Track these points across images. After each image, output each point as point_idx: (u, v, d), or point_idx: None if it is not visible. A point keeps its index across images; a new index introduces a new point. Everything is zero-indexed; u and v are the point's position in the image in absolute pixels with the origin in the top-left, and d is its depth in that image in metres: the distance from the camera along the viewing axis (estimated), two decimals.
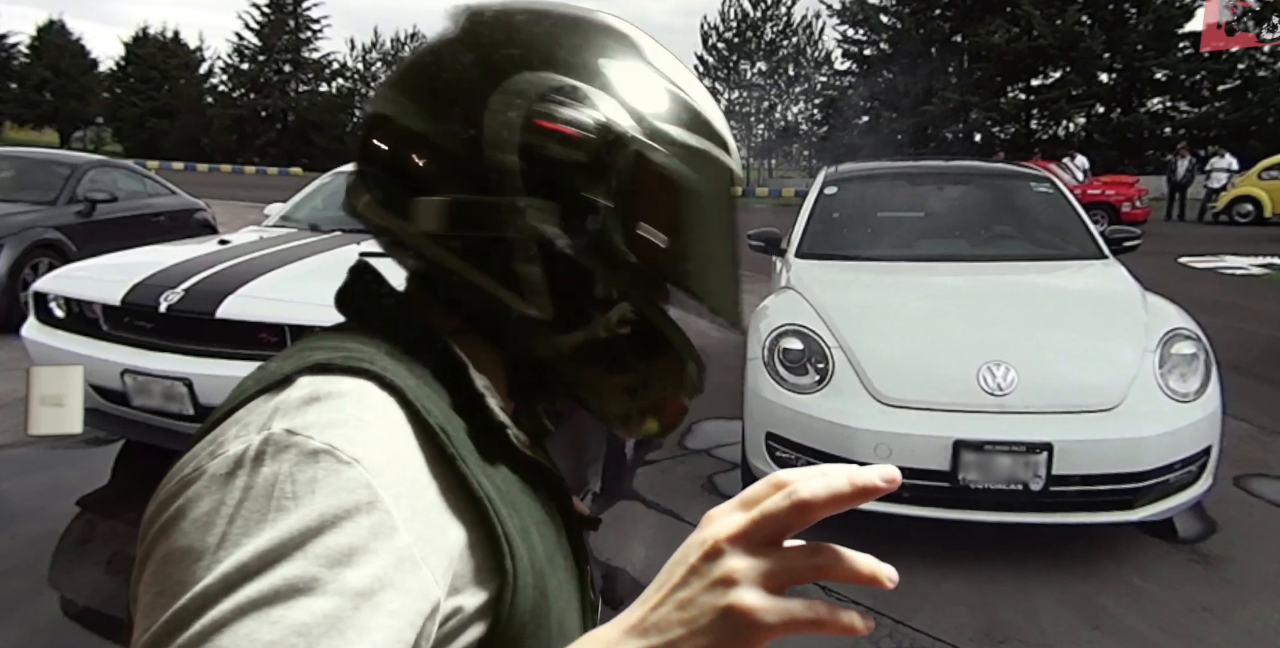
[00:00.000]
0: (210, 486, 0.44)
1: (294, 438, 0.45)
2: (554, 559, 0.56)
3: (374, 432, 0.47)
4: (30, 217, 6.74)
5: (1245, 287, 9.95)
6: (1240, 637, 2.66)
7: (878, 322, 3.50)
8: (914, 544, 3.18)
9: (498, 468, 0.54)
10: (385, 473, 0.45)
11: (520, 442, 0.55)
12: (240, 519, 0.42)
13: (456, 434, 0.51)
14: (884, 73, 29.44)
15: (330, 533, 0.42)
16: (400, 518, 0.45)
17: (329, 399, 0.47)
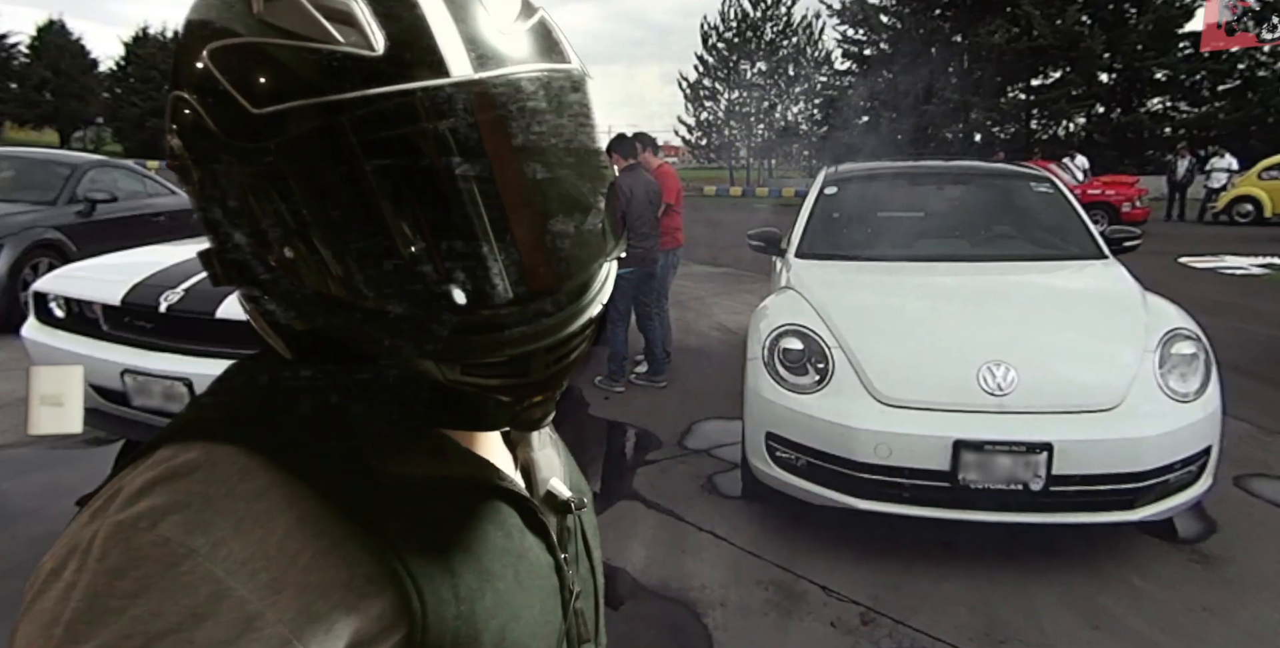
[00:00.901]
0: (47, 583, 0.43)
1: (123, 533, 0.42)
2: (490, 572, 0.53)
3: (221, 510, 0.43)
4: (30, 217, 6.74)
5: (1245, 287, 9.94)
6: (1240, 637, 2.66)
7: (878, 322, 3.50)
8: (914, 544, 3.18)
9: (401, 499, 0.50)
10: (234, 554, 0.42)
11: (411, 469, 0.51)
12: (73, 625, 0.40)
13: (340, 480, 0.48)
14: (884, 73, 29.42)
15: (170, 637, 0.39)
16: (261, 600, 0.42)
17: (173, 480, 0.44)
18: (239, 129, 0.44)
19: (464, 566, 0.51)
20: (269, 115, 0.43)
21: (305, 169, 0.44)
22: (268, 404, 0.50)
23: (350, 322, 0.47)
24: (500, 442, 0.66)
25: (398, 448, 0.52)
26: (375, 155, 0.43)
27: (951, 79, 27.80)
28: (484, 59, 0.46)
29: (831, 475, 3.10)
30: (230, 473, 0.45)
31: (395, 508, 0.49)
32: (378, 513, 0.48)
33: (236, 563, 0.42)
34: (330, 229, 0.45)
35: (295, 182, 0.44)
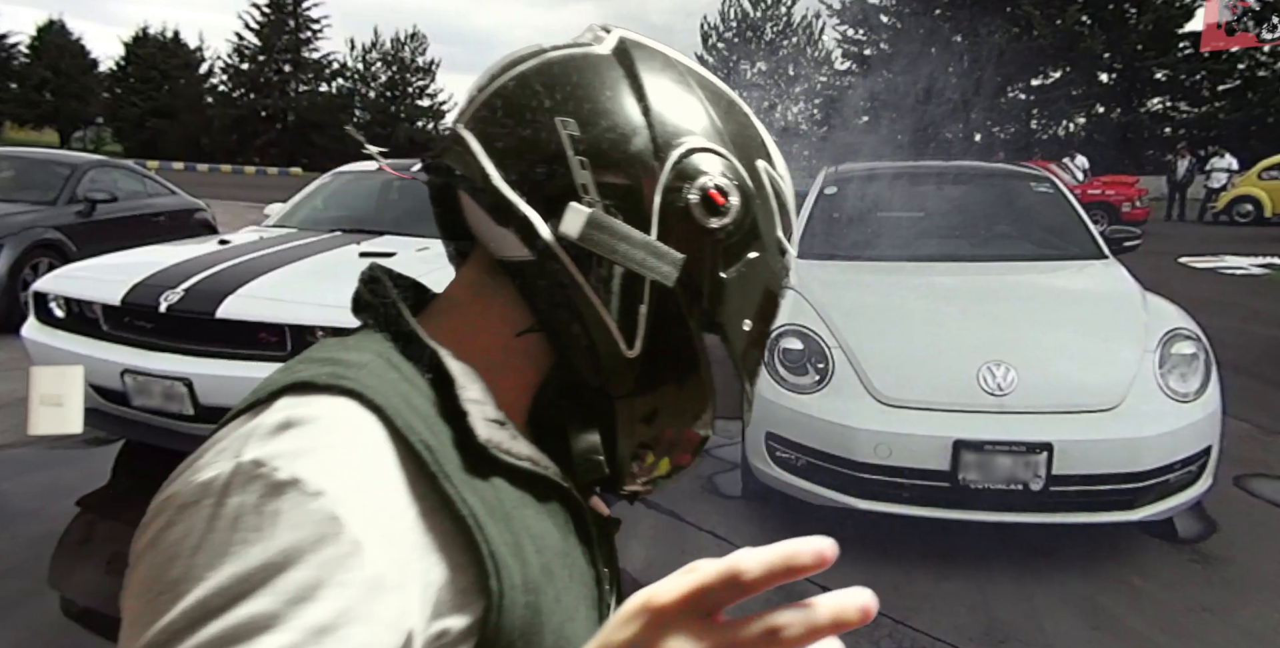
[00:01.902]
0: (180, 514, 0.44)
1: (260, 469, 0.44)
2: (552, 570, 0.55)
3: (345, 458, 0.46)
4: (30, 217, 6.74)
5: (1245, 287, 9.95)
6: (1240, 637, 2.66)
7: (878, 322, 3.50)
8: (914, 544, 3.18)
9: (490, 481, 0.53)
10: (355, 501, 0.45)
11: (513, 456, 0.55)
12: (204, 552, 0.42)
13: (442, 450, 0.51)
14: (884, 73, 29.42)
15: (293, 568, 0.42)
16: (371, 546, 0.44)
17: (300, 425, 0.47)
18: (729, 234, 0.58)
19: (532, 557, 0.53)
20: (785, 247, 0.63)
21: (777, 292, 0.63)
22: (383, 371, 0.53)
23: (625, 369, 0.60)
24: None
25: (499, 426, 0.55)
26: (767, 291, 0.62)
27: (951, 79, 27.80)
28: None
29: (831, 475, 3.10)
30: (350, 425, 0.48)
31: (486, 486, 0.52)
32: (470, 487, 0.51)
33: (357, 509, 0.45)
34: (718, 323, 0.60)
35: (770, 297, 0.63)
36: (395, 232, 4.63)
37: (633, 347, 0.58)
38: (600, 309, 0.57)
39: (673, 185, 0.56)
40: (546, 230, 0.55)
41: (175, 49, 42.32)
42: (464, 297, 0.62)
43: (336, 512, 0.44)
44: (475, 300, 0.61)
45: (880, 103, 29.15)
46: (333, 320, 3.34)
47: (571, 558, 0.59)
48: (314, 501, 0.43)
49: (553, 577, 0.55)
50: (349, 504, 0.44)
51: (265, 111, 41.09)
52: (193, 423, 3.40)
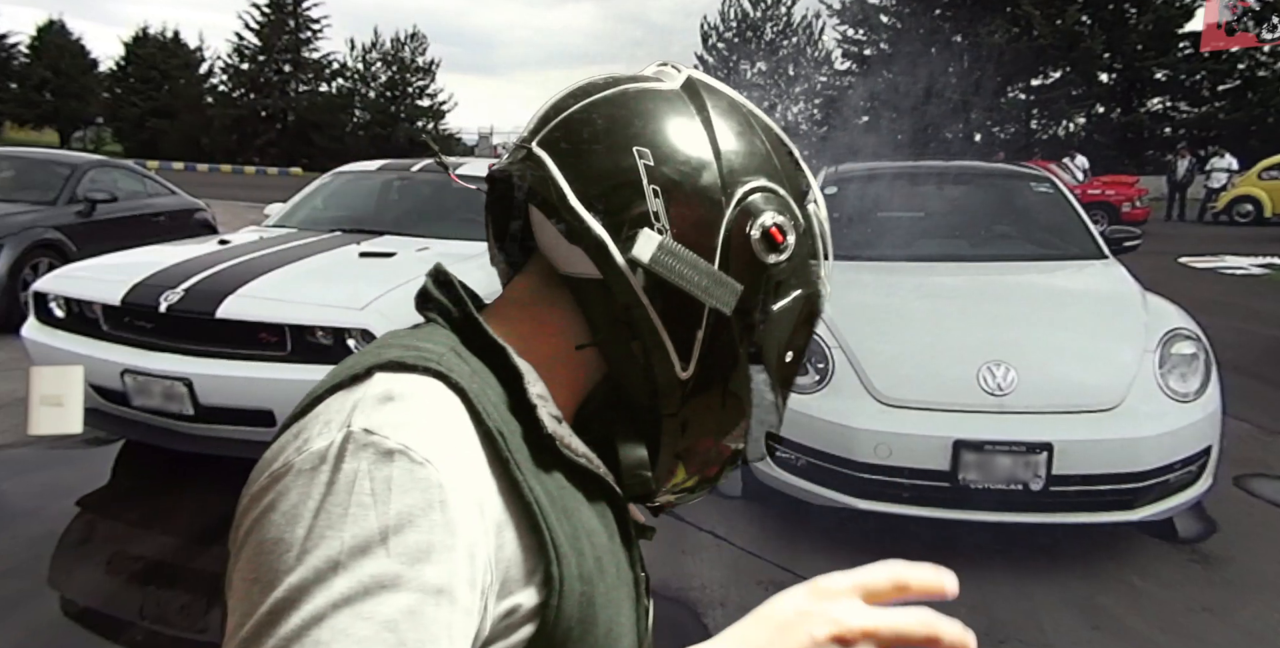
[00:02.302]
0: (297, 480, 0.47)
1: (372, 437, 0.48)
2: (603, 566, 0.57)
3: (443, 433, 0.50)
4: (30, 217, 6.74)
5: (1245, 287, 9.95)
6: (1240, 637, 2.66)
7: (878, 322, 3.49)
8: (914, 544, 3.18)
9: (551, 474, 0.56)
10: (453, 473, 0.48)
11: (573, 452, 0.58)
12: (325, 513, 0.45)
13: (513, 438, 0.54)
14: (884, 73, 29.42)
15: (408, 530, 0.45)
16: (467, 516, 0.48)
17: (402, 399, 0.50)
18: (782, 270, 0.62)
19: (588, 550, 0.56)
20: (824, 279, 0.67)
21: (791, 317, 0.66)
22: (456, 361, 0.56)
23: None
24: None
25: (569, 431, 0.59)
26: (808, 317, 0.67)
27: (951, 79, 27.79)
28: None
29: (831, 475, 3.10)
30: (442, 403, 0.52)
31: (549, 477, 0.55)
32: (535, 476, 0.54)
33: (458, 480, 0.48)
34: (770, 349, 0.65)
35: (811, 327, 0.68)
36: (395, 232, 4.63)
37: (687, 368, 0.61)
38: (661, 331, 0.60)
39: (737, 221, 0.60)
40: (619, 253, 0.58)
41: (175, 49, 42.30)
42: (522, 303, 0.65)
43: (442, 480, 0.47)
44: (533, 308, 0.64)
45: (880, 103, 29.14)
46: (333, 320, 3.34)
47: (617, 558, 0.61)
48: (422, 469, 0.47)
49: (604, 573, 0.57)
50: (451, 474, 0.48)
51: (265, 111, 41.07)
52: (193, 423, 3.40)
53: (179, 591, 2.94)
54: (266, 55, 40.79)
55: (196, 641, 2.66)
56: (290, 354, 3.36)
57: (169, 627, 2.71)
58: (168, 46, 42.19)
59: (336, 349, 3.32)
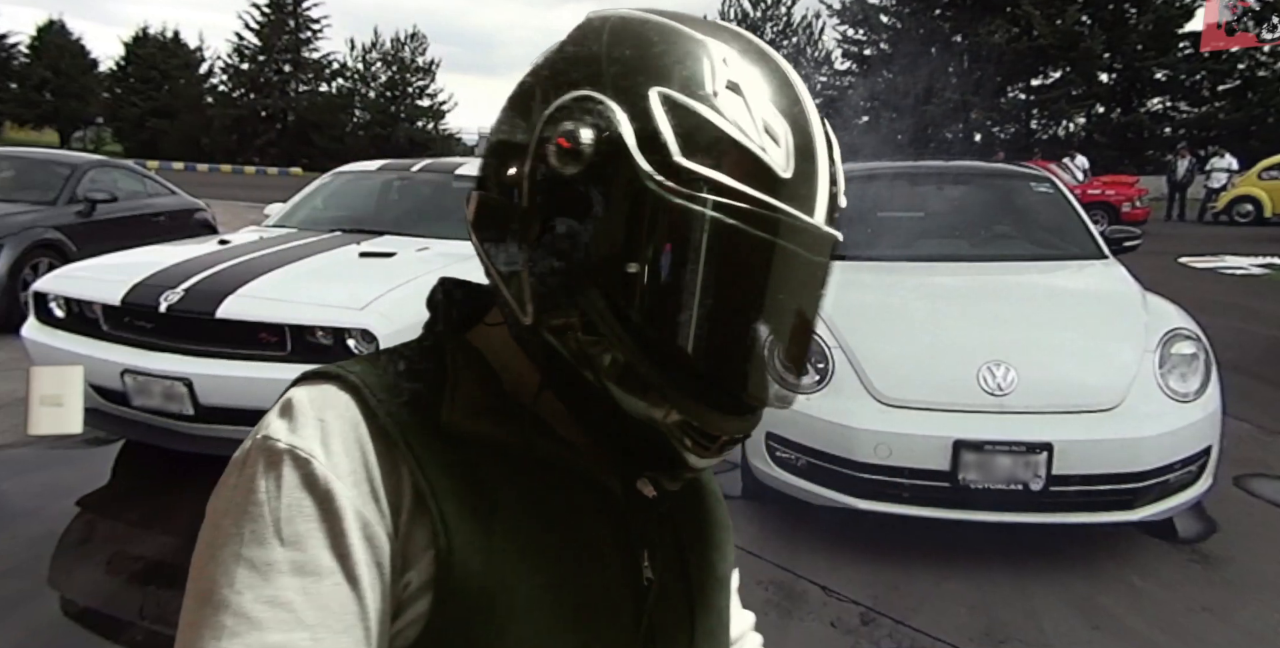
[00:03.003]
0: (219, 489, 0.56)
1: (267, 443, 0.54)
2: (533, 536, 0.57)
3: (328, 431, 0.54)
4: (30, 217, 6.74)
5: (1245, 287, 9.95)
6: (1240, 637, 2.66)
7: (878, 322, 3.49)
8: (914, 544, 3.18)
9: (462, 457, 0.57)
10: (338, 466, 0.53)
11: (488, 436, 0.58)
12: (231, 513, 0.53)
13: (411, 426, 0.56)
14: (884, 73, 29.43)
15: (298, 521, 0.51)
16: (354, 503, 0.52)
17: (298, 405, 0.56)
18: (659, 168, 0.51)
19: (501, 524, 0.56)
20: (687, 168, 0.51)
21: (683, 224, 0.52)
22: (383, 366, 0.60)
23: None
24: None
25: (481, 411, 0.58)
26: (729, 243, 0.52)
27: (951, 79, 27.81)
28: (830, 215, 0.56)
29: (831, 476, 3.10)
30: (335, 405, 0.56)
31: (447, 455, 0.56)
32: (431, 456, 0.56)
33: (339, 470, 0.53)
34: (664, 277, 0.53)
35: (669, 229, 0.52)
36: (395, 232, 4.63)
37: (526, 314, 0.57)
38: (499, 283, 0.59)
39: (539, 148, 0.54)
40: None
41: (175, 49, 42.31)
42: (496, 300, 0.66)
43: (325, 473, 0.52)
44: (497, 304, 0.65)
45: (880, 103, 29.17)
46: (333, 320, 3.34)
47: (575, 532, 0.59)
48: (307, 465, 0.53)
49: (533, 544, 0.57)
50: (335, 467, 0.53)
51: (265, 111, 41.07)
52: (193, 423, 3.40)
53: (179, 591, 2.90)
54: (266, 55, 40.79)
55: None
56: (290, 354, 3.36)
57: (169, 627, 2.70)
58: (168, 46, 42.20)
59: (336, 349, 3.32)
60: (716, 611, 0.70)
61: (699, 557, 0.68)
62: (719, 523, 0.73)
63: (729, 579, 0.74)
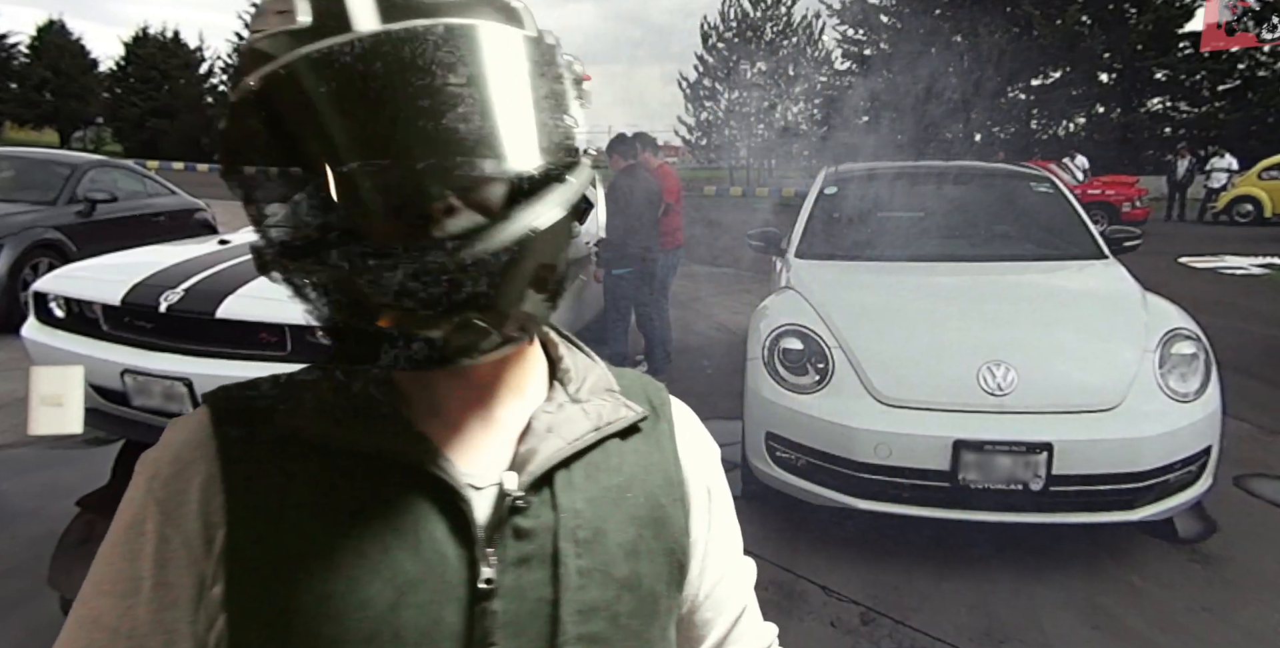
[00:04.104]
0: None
1: (143, 455, 0.63)
2: (331, 534, 0.57)
3: (173, 452, 0.61)
4: (30, 217, 6.74)
5: (1245, 287, 9.95)
6: (1240, 637, 2.66)
7: (878, 322, 3.50)
8: (914, 544, 3.18)
9: (264, 451, 0.60)
10: (164, 484, 0.60)
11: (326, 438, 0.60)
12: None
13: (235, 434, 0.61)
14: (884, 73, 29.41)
15: (133, 530, 0.60)
16: (174, 512, 0.59)
17: (170, 428, 0.63)
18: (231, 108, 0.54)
19: (291, 522, 0.58)
20: (249, 90, 0.53)
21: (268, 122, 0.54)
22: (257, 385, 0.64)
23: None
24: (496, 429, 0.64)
25: (317, 412, 0.61)
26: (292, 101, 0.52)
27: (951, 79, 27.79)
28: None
29: (831, 475, 3.10)
30: (189, 425, 0.62)
31: (254, 457, 0.60)
32: (236, 456, 0.60)
33: (161, 489, 0.60)
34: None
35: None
36: None
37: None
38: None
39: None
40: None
41: (175, 49, 42.28)
42: None
43: (153, 487, 0.60)
44: None
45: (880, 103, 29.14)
46: None
47: (395, 529, 0.58)
48: (140, 478, 0.61)
49: (328, 541, 0.57)
50: (162, 481, 0.60)
51: None
52: None
53: None
54: None
55: None
56: (290, 354, 3.36)
57: None
58: (168, 46, 42.16)
59: None
60: (612, 620, 0.62)
61: (595, 561, 0.62)
62: (661, 529, 0.67)
63: (664, 592, 0.67)
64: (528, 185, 0.55)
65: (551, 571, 0.61)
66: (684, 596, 0.72)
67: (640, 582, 0.65)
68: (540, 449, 0.63)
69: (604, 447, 0.67)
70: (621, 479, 0.67)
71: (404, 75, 0.51)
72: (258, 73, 0.52)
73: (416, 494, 0.59)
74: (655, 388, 0.76)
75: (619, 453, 0.68)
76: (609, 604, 0.62)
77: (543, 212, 0.55)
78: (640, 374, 0.78)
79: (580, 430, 0.66)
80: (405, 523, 0.59)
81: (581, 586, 0.61)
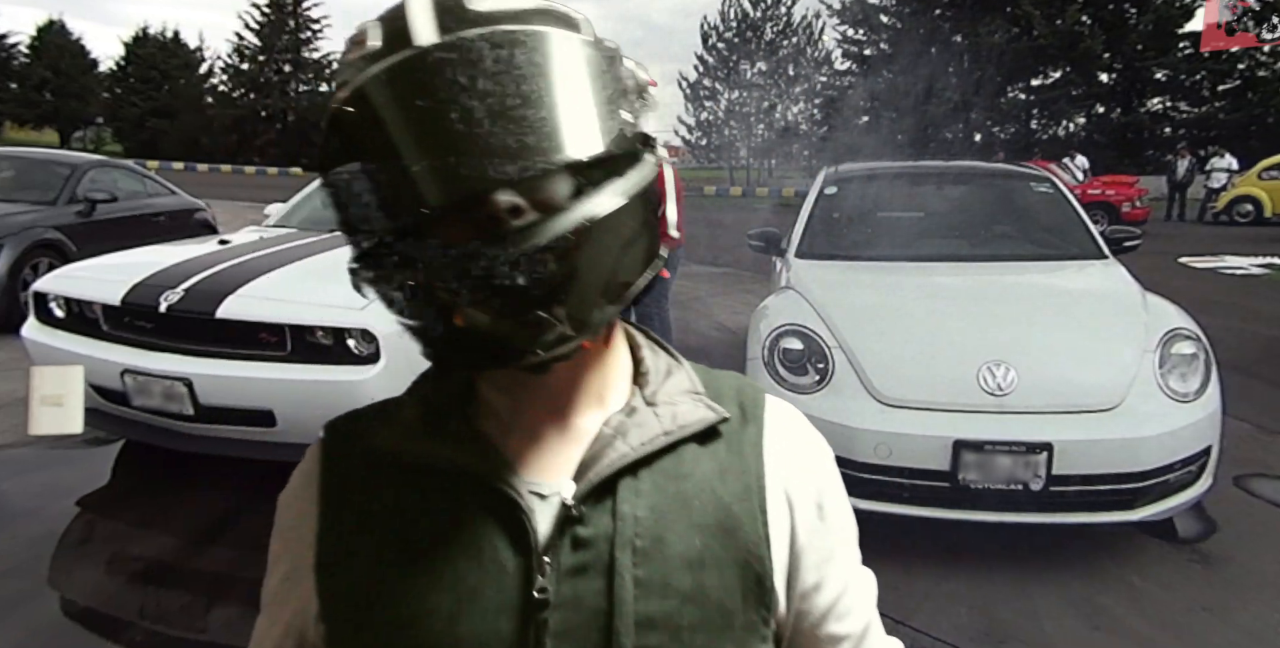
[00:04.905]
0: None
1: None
2: (404, 547, 0.61)
3: (292, 478, 0.70)
4: (30, 217, 6.74)
5: (1245, 287, 9.95)
6: (1240, 637, 2.66)
7: (878, 322, 3.49)
8: (914, 544, 3.18)
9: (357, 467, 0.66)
10: (289, 495, 0.69)
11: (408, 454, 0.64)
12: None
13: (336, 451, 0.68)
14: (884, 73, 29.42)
15: (270, 552, 0.71)
16: (291, 524, 0.68)
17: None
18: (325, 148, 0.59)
19: (370, 535, 0.63)
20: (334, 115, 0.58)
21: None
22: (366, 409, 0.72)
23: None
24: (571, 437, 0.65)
25: (406, 430, 0.65)
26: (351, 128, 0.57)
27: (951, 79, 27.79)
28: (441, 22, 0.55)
29: None
30: (309, 454, 0.70)
31: (348, 477, 0.66)
32: (335, 478, 0.67)
33: (288, 499, 0.70)
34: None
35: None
36: None
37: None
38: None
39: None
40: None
41: (175, 49, 42.28)
42: None
43: (280, 515, 0.70)
44: None
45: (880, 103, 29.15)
46: (333, 320, 3.34)
47: (457, 541, 0.60)
48: (279, 506, 0.70)
49: (398, 555, 0.61)
50: (287, 496, 0.70)
51: (265, 111, 41.04)
52: (193, 423, 3.40)
53: (179, 591, 2.94)
54: (266, 55, 40.77)
55: (196, 641, 2.66)
56: (290, 354, 3.36)
57: (169, 627, 2.71)
58: (168, 46, 42.16)
59: (336, 349, 3.32)
60: (673, 634, 0.60)
61: (654, 571, 0.60)
62: (731, 538, 0.63)
63: (738, 606, 0.63)
64: (586, 180, 0.57)
65: (607, 581, 0.59)
66: (797, 610, 0.68)
67: (706, 594, 0.61)
68: (603, 455, 0.63)
69: (678, 452, 0.65)
70: (689, 485, 0.64)
71: (457, 81, 0.53)
72: (337, 96, 0.57)
73: (482, 505, 0.61)
74: (752, 391, 0.73)
75: (694, 458, 0.65)
76: (669, 617, 0.60)
77: (601, 201, 0.56)
78: (738, 376, 0.75)
79: (649, 435, 0.64)
80: (470, 534, 0.60)
81: (639, 597, 0.59)
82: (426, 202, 0.53)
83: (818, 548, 0.69)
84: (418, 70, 0.54)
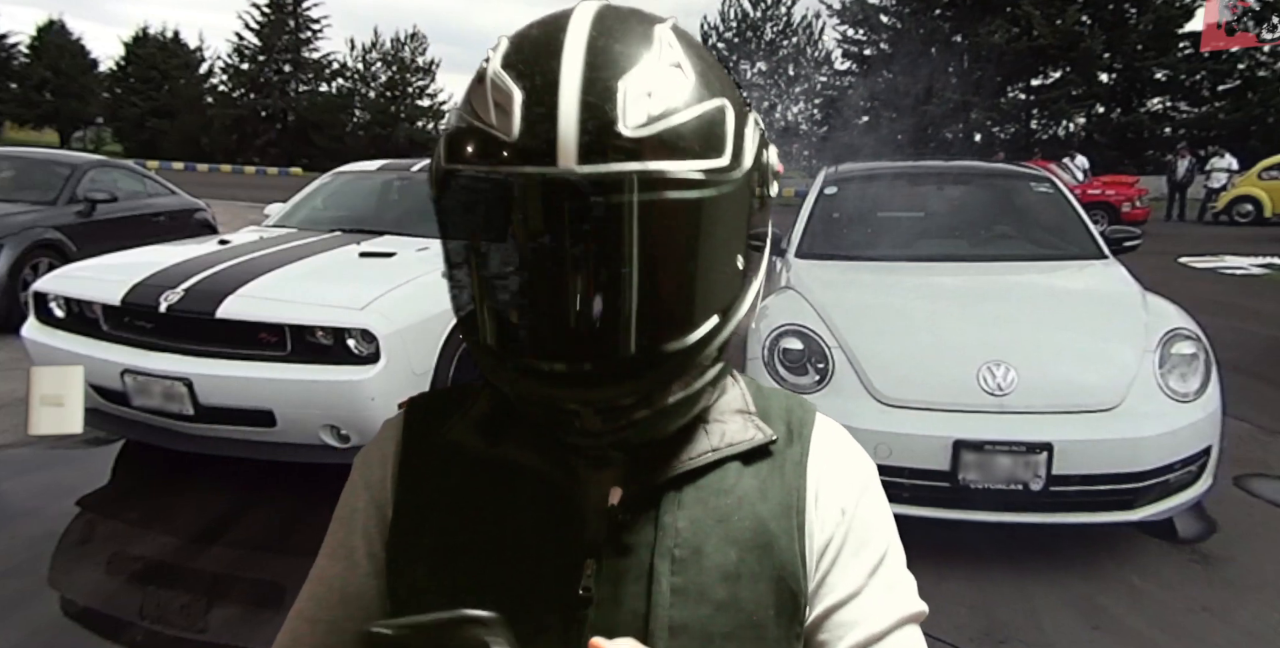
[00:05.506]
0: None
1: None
2: (464, 527, 0.65)
3: (375, 442, 0.74)
4: (30, 217, 6.74)
5: (1245, 287, 9.95)
6: (1240, 637, 2.66)
7: (878, 322, 3.49)
8: (914, 544, 3.17)
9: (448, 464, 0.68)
10: (363, 464, 0.73)
11: (472, 447, 0.67)
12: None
13: (424, 439, 0.70)
14: (884, 73, 29.41)
15: (342, 506, 0.73)
16: (364, 493, 0.71)
17: (383, 423, 0.75)
18: (433, 177, 0.60)
19: (437, 519, 0.67)
20: (444, 169, 0.59)
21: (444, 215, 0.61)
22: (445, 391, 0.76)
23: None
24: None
25: (477, 425, 0.69)
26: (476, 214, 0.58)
27: (951, 79, 27.79)
28: (592, 147, 0.53)
29: None
30: (391, 424, 0.74)
31: (422, 458, 0.70)
32: (413, 459, 0.70)
33: (361, 468, 0.73)
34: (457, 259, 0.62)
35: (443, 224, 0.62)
36: (395, 232, 4.63)
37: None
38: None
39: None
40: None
41: (175, 49, 42.28)
42: None
43: (354, 469, 0.74)
44: None
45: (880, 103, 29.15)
46: (333, 320, 3.34)
47: (510, 529, 0.64)
48: (357, 462, 0.74)
49: (457, 535, 0.65)
50: (362, 465, 0.73)
51: (265, 111, 41.03)
52: (193, 423, 3.40)
53: (179, 591, 2.94)
54: (266, 55, 40.76)
55: (196, 641, 2.66)
56: (290, 354, 3.36)
57: (169, 627, 2.71)
58: (168, 46, 42.16)
59: (336, 349, 3.32)
60: (705, 640, 0.62)
61: (690, 580, 0.63)
62: (766, 555, 0.65)
63: (771, 620, 0.65)
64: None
65: (646, 586, 0.62)
66: (824, 625, 0.68)
67: (740, 606, 0.63)
68: (652, 467, 0.66)
69: (723, 468, 0.67)
70: (729, 502, 0.66)
71: (600, 228, 0.53)
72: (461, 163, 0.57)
73: (541, 504, 0.65)
74: (802, 410, 0.78)
75: (737, 475, 0.68)
76: (702, 624, 0.62)
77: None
78: (789, 395, 0.80)
79: (697, 450, 0.67)
80: (526, 530, 0.64)
81: (674, 603, 0.62)
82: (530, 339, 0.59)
83: (847, 569, 0.69)
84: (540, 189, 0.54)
